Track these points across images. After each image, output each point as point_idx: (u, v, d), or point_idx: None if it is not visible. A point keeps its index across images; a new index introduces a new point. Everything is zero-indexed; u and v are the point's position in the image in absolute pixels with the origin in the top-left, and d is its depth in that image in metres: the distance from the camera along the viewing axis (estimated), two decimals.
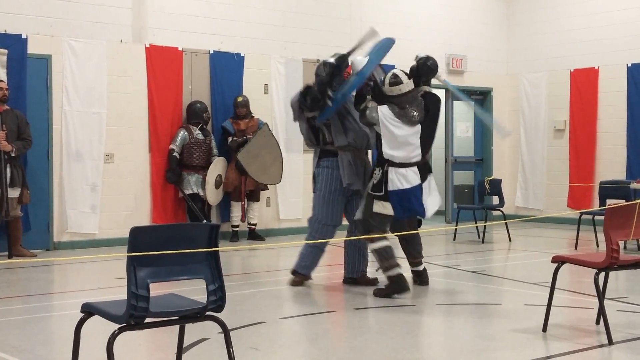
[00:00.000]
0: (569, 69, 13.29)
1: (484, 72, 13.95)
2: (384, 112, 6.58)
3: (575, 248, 9.86)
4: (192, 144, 10.40)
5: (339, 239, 7.67)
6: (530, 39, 13.99)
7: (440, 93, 10.18)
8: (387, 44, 7.41)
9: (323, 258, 7.44)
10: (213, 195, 10.47)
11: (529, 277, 7.74)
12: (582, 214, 10.18)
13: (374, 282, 7.22)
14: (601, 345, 4.97)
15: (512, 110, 14.14)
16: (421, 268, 7.26)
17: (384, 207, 6.65)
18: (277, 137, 11.22)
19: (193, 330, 4.90)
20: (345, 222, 7.51)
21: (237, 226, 10.83)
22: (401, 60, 12.77)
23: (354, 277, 7.35)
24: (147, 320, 3.55)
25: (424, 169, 6.78)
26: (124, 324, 3.51)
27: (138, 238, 3.50)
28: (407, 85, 6.68)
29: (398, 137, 6.56)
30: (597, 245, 10.01)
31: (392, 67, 9.71)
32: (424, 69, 7.04)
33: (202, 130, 10.51)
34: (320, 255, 7.37)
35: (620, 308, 6.02)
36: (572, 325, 5.61)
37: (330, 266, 9.14)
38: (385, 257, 6.67)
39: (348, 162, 7.06)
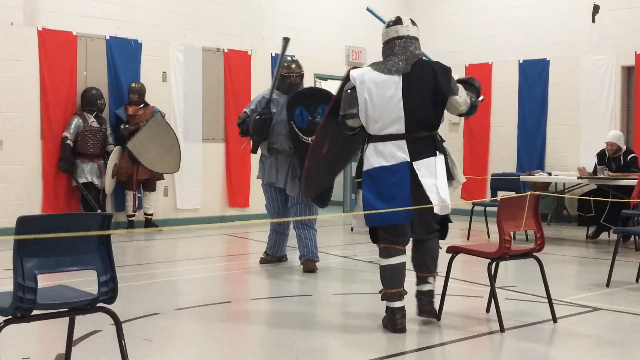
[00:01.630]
0: (464, 64, 13.63)
1: None
2: (355, 77, 5.15)
3: (468, 238, 10.14)
4: (87, 132, 10.13)
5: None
6: (427, 33, 14.21)
7: None
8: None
9: (227, 247, 7.40)
10: (109, 184, 10.26)
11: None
12: (474, 205, 10.47)
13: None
14: (492, 332, 5.12)
15: None
16: (426, 288, 5.33)
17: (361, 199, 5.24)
18: (176, 126, 11.07)
19: (85, 323, 4.79)
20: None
21: (133, 215, 10.64)
22: (301, 51, 12.85)
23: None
24: (35, 312, 3.45)
25: (424, 145, 5.15)
26: (10, 317, 3.39)
27: (25, 227, 3.38)
28: (407, 29, 5.25)
29: (374, 97, 5.07)
30: (489, 236, 10.32)
31: (293, 57, 9.60)
32: None
33: (97, 117, 10.26)
34: (280, 238, 7.90)
35: (509, 296, 6.22)
36: (464, 314, 5.76)
37: (229, 256, 9.10)
38: (387, 280, 5.17)
39: (270, 163, 7.57)
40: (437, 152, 5.18)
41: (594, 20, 12.15)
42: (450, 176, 5.25)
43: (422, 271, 5.34)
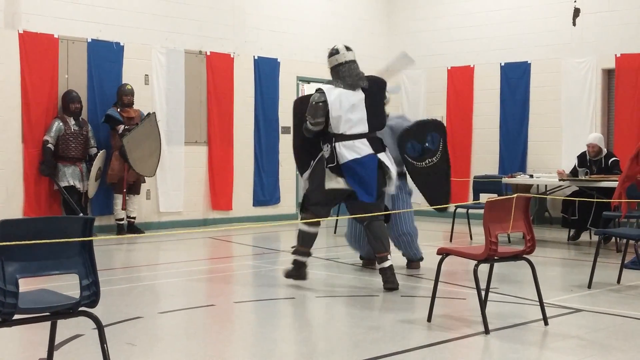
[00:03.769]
0: (446, 67, 13.68)
1: (365, 68, 14.00)
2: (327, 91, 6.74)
3: (450, 240, 10.17)
4: (68, 135, 10.08)
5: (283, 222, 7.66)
6: (410, 36, 14.31)
7: None
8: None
9: (210, 250, 7.37)
10: (92, 188, 10.22)
11: (405, 269, 7.89)
12: (457, 207, 10.50)
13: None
14: (477, 334, 5.14)
15: (391, 106, 14.38)
16: (387, 264, 6.64)
17: (337, 182, 6.72)
18: (159, 127, 11.01)
19: (67, 327, 4.76)
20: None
21: (122, 219, 10.59)
22: (284, 55, 12.87)
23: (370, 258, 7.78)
24: (16, 316, 3.42)
25: (379, 143, 6.80)
26: None
27: (7, 231, 3.35)
28: (344, 55, 6.88)
29: (342, 104, 6.66)
30: (471, 238, 10.36)
31: (276, 60, 9.78)
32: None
33: (77, 120, 10.20)
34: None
35: (492, 298, 6.24)
36: (448, 315, 5.78)
37: (212, 260, 9.08)
38: (304, 242, 6.87)
39: None
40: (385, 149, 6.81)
41: (574, 24, 12.23)
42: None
43: (380, 252, 6.66)
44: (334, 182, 6.73)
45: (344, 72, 6.82)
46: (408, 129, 7.68)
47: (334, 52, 6.94)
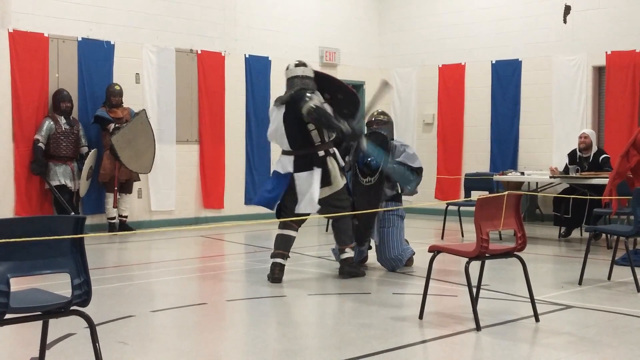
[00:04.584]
0: (437, 65, 13.70)
1: (357, 65, 14.17)
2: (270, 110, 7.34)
3: (442, 238, 10.19)
4: (59, 134, 10.06)
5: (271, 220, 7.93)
6: (401, 34, 14.32)
7: None
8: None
9: (202, 249, 7.36)
10: (83, 187, 10.20)
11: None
12: (448, 204, 10.52)
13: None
14: (468, 331, 5.16)
15: (383, 104, 14.41)
16: (345, 256, 7.20)
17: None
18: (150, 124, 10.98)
19: (59, 326, 4.76)
20: None
21: (114, 218, 10.58)
22: (275, 53, 12.86)
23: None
24: (8, 316, 3.42)
25: (304, 161, 7.02)
26: None
27: None
28: (291, 71, 7.22)
29: (271, 121, 7.21)
30: (462, 235, 10.38)
31: (267, 58, 9.71)
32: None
33: (68, 119, 10.18)
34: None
35: (483, 295, 6.26)
36: (439, 312, 5.80)
37: (204, 258, 9.07)
38: (278, 245, 7.09)
39: None
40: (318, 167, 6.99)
41: (565, 21, 12.26)
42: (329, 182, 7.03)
43: (342, 244, 7.19)
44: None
45: (287, 85, 7.28)
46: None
47: (287, 67, 7.35)
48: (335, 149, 7.25)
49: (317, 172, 6.99)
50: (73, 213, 9.89)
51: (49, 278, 5.30)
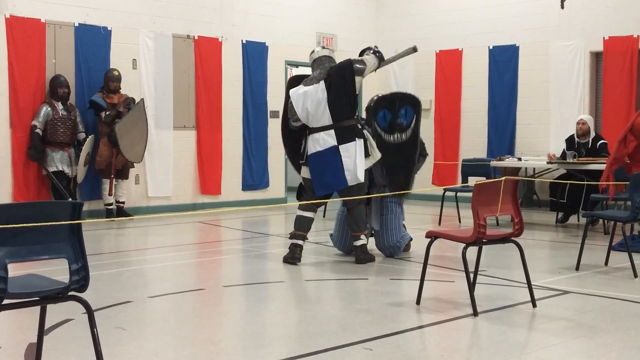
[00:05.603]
0: (434, 50, 13.67)
1: (354, 51, 13.90)
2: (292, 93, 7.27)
3: (439, 224, 10.20)
4: (57, 120, 10.04)
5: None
6: (398, 19, 14.27)
7: None
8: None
9: (199, 235, 7.36)
10: (81, 173, 10.20)
11: None
12: (445, 190, 10.52)
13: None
14: (465, 316, 5.17)
15: (380, 89, 14.39)
16: (359, 243, 7.22)
17: (306, 171, 7.28)
18: (147, 114, 10.98)
19: (57, 311, 4.76)
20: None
21: (111, 204, 10.57)
22: (272, 39, 12.83)
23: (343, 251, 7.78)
24: (6, 301, 3.42)
25: (347, 132, 7.10)
26: None
27: None
28: (318, 52, 7.45)
29: (305, 100, 7.14)
30: (460, 221, 10.39)
31: (264, 44, 9.69)
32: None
33: (65, 105, 10.16)
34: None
35: (480, 280, 6.27)
36: (436, 297, 5.81)
37: (201, 244, 9.08)
38: (298, 226, 7.28)
39: None
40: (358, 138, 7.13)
41: (562, 7, 12.21)
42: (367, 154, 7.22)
43: (355, 231, 7.20)
44: (305, 172, 7.32)
45: (317, 67, 7.36)
46: (383, 97, 7.78)
47: (312, 50, 7.59)
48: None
49: (360, 143, 7.16)
50: (70, 199, 9.89)
51: (47, 264, 5.32)
